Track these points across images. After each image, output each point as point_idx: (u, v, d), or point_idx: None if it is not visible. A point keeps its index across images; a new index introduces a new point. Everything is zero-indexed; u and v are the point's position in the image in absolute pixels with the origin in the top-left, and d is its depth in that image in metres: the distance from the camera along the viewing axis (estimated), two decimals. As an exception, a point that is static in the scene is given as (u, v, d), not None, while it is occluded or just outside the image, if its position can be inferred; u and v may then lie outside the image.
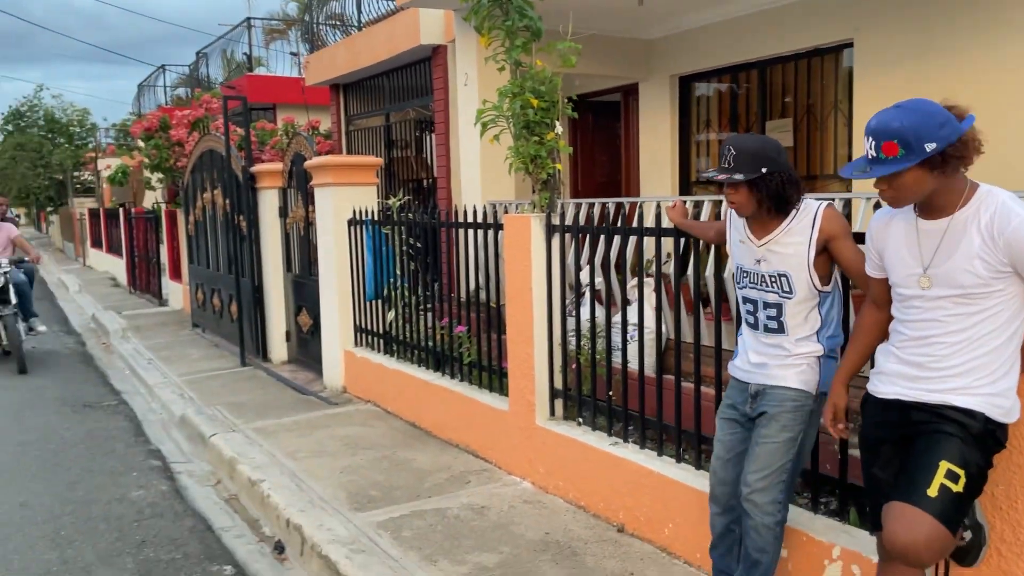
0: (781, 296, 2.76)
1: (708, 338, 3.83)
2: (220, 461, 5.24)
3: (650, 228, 3.82)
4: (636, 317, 4.58)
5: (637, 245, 4.37)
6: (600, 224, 4.23)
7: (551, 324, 4.38)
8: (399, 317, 6.03)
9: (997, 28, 5.48)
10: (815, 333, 2.78)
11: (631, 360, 4.09)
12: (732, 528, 3.02)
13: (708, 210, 5.14)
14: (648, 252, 4.93)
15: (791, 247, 2.72)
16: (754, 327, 2.89)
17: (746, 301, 2.91)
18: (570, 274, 4.82)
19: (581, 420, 4.33)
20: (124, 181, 13.37)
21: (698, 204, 5.32)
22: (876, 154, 2.17)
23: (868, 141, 2.19)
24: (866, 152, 2.21)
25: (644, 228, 3.89)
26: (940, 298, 2.25)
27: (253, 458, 5.03)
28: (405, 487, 4.46)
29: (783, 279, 2.74)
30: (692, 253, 4.37)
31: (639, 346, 3.95)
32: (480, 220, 5.08)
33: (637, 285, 4.15)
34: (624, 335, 4.05)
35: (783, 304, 2.76)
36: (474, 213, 5.18)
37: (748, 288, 2.88)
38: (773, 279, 2.77)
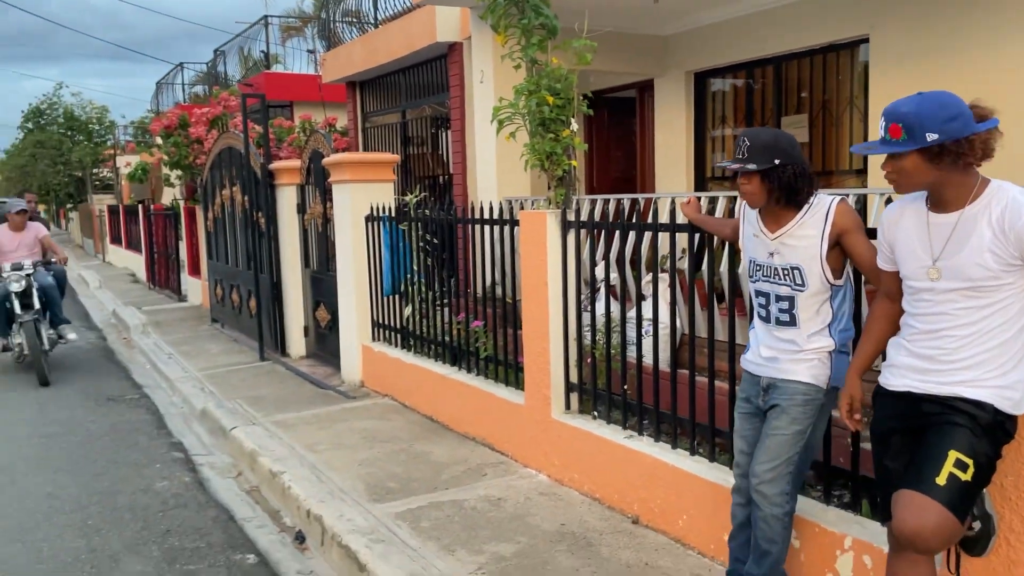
0: (793, 289, 2.80)
1: (722, 333, 3.87)
2: (241, 453, 5.34)
3: (665, 224, 3.87)
4: (651, 312, 4.63)
5: (652, 241, 4.41)
6: (615, 220, 4.27)
7: (567, 319, 4.44)
8: (416, 312, 6.10)
9: (1014, 25, 5.47)
10: (827, 327, 2.82)
11: (646, 355, 4.14)
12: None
13: (723, 206, 5.17)
14: (663, 248, 4.98)
15: (804, 240, 2.76)
16: (766, 320, 2.93)
17: (759, 294, 2.95)
18: (585, 269, 4.88)
19: (596, 414, 4.38)
20: (144, 178, 13.54)
21: (713, 200, 5.35)
22: (883, 134, 2.27)
23: (881, 121, 2.29)
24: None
25: (659, 224, 3.94)
26: (950, 291, 2.28)
27: (273, 450, 5.13)
28: (423, 479, 4.54)
29: (796, 272, 2.79)
30: (706, 249, 4.42)
31: (654, 341, 3.99)
32: (496, 216, 5.14)
33: (652, 281, 4.19)
34: (639, 330, 4.10)
35: (795, 297, 2.81)
36: (490, 209, 5.24)
37: (761, 281, 2.92)
38: (786, 272, 2.81)
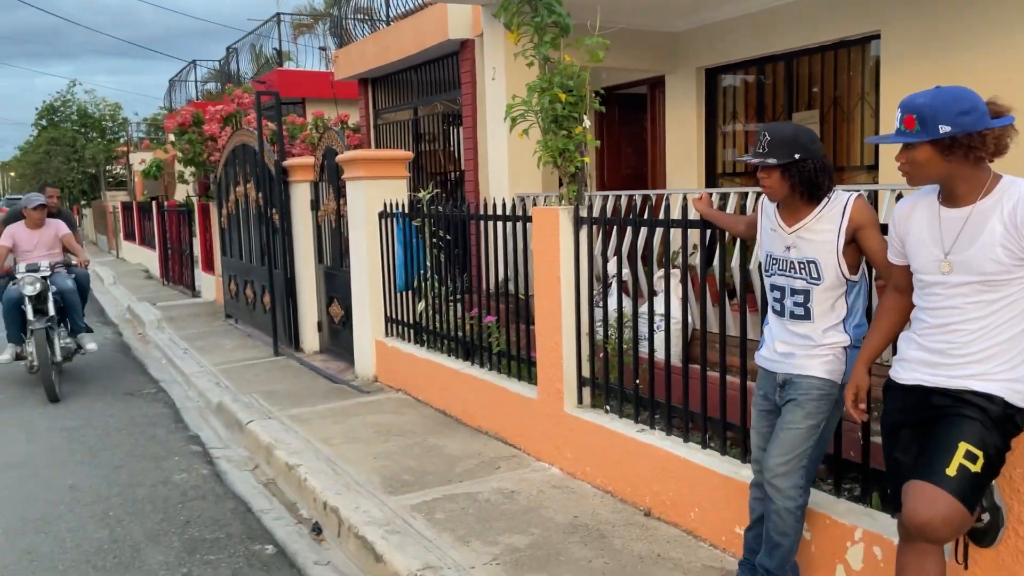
0: (809, 283, 2.84)
1: (733, 328, 3.91)
2: (257, 447, 5.42)
3: (677, 220, 3.91)
4: (663, 308, 4.66)
5: (664, 237, 4.45)
6: (627, 216, 4.31)
7: (579, 314, 4.49)
8: (429, 308, 6.16)
9: (1026, 19, 5.47)
10: (841, 322, 2.85)
11: (657, 349, 4.18)
12: None
13: (734, 202, 5.19)
14: (675, 244, 5.01)
15: (821, 234, 2.80)
16: (780, 314, 2.96)
17: (774, 288, 2.98)
18: (597, 265, 4.92)
19: (608, 408, 4.43)
20: (158, 175, 13.66)
21: (724, 196, 5.39)
22: (898, 125, 2.32)
23: (897, 112, 2.34)
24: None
25: (671, 220, 3.97)
26: (961, 285, 2.32)
27: (289, 444, 5.20)
28: (437, 472, 4.60)
29: (812, 265, 2.82)
30: (718, 245, 4.46)
31: (666, 336, 4.04)
32: (509, 213, 5.19)
33: (664, 276, 4.23)
34: (651, 325, 4.14)
35: (811, 291, 2.84)
36: (503, 206, 5.29)
37: (776, 275, 2.95)
38: (802, 265, 2.85)
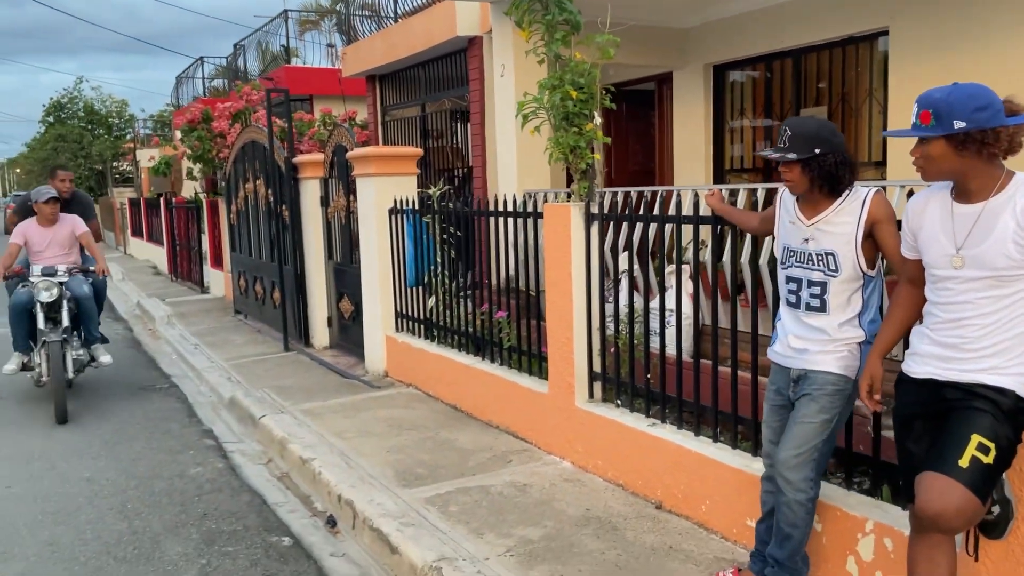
0: (827, 275, 2.88)
1: (743, 324, 3.95)
2: (271, 441, 5.48)
3: (688, 216, 3.95)
4: (674, 303, 4.70)
5: (675, 233, 4.49)
6: (636, 212, 4.35)
7: (590, 309, 4.53)
8: (439, 303, 6.21)
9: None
10: (857, 317, 2.88)
11: (668, 344, 4.22)
12: None
13: (743, 198, 5.23)
14: (685, 239, 5.05)
15: (840, 227, 2.84)
16: (796, 306, 2.98)
17: (790, 280, 3.01)
18: (608, 261, 4.96)
19: (619, 403, 4.48)
20: (168, 172, 13.75)
21: (733, 192, 5.42)
22: (914, 120, 2.36)
23: (914, 107, 2.38)
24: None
25: (682, 216, 4.01)
26: (972, 280, 2.36)
27: (303, 438, 5.25)
28: (449, 465, 4.65)
29: (830, 257, 2.86)
30: (728, 240, 4.49)
31: (677, 331, 4.08)
32: (520, 209, 5.23)
33: (675, 272, 4.27)
34: (662, 320, 4.18)
35: (828, 283, 2.88)
36: (513, 202, 5.34)
37: (793, 267, 2.98)
38: (820, 257, 2.89)
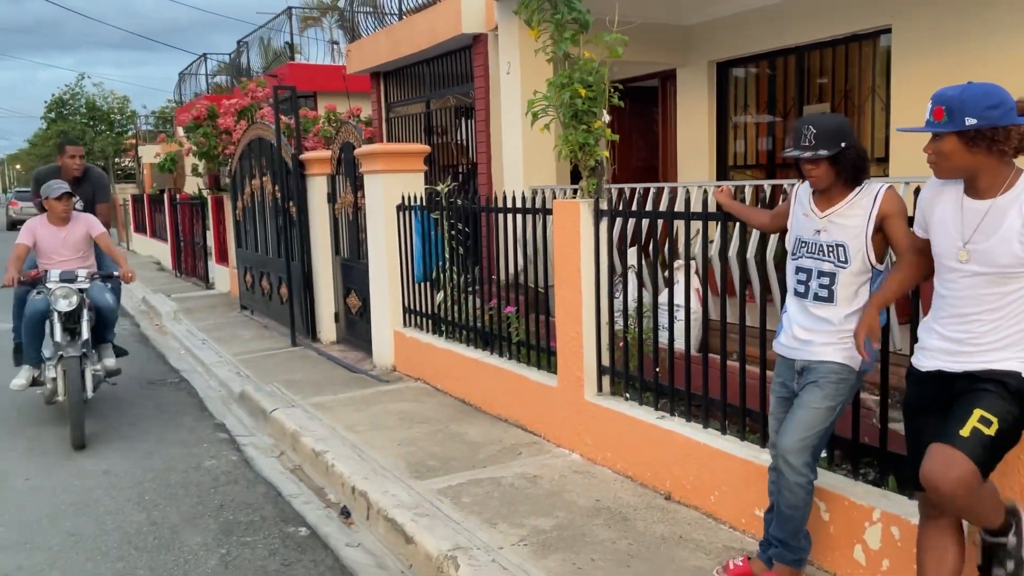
0: (836, 266, 2.95)
1: (750, 318, 4.02)
2: (283, 434, 5.56)
3: (697, 212, 4.02)
4: (682, 298, 4.78)
5: (684, 228, 4.56)
6: (642, 208, 4.42)
7: (599, 304, 4.60)
8: (448, 298, 6.28)
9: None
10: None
11: (676, 339, 4.30)
12: None
13: (748, 195, 5.30)
14: (694, 235, 5.11)
15: (852, 219, 2.92)
16: (804, 296, 3.05)
17: (799, 271, 3.08)
18: (616, 257, 5.03)
19: (628, 396, 4.55)
20: (173, 168, 13.82)
21: (739, 189, 5.49)
22: (928, 116, 2.43)
23: (928, 104, 2.45)
24: None
25: (691, 212, 4.08)
26: (978, 275, 2.43)
27: (315, 431, 5.33)
28: (460, 458, 4.73)
29: (840, 249, 2.94)
30: (735, 236, 4.55)
31: (685, 325, 4.15)
32: (527, 206, 5.30)
33: (683, 267, 4.34)
34: (671, 315, 4.26)
35: (837, 274, 2.96)
36: (521, 199, 5.41)
37: (804, 258, 3.06)
38: (831, 248, 2.96)
